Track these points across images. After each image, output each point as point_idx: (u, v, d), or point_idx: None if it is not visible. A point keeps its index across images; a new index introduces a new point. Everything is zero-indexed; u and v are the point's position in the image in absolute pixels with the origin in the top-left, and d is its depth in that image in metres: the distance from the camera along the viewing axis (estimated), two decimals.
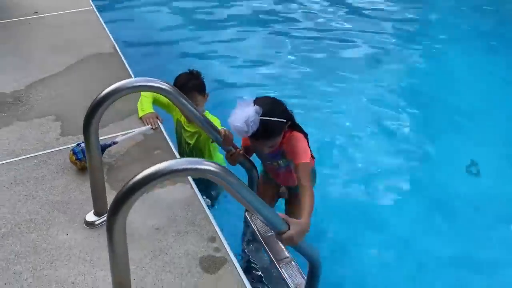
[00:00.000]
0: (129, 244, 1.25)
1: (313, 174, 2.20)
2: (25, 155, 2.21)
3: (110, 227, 1.22)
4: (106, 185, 1.86)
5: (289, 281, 1.85)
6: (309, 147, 1.95)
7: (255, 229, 2.12)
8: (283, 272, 1.89)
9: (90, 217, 1.81)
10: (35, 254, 1.69)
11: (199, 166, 1.18)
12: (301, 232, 1.45)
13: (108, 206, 1.21)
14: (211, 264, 1.66)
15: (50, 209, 1.89)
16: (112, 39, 3.43)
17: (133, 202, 1.15)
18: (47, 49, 3.25)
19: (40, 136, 2.34)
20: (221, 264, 1.66)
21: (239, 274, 1.62)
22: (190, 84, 2.23)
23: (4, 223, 1.82)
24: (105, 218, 1.78)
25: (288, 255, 1.95)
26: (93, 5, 4.10)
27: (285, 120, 1.83)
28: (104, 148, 2.14)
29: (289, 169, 2.06)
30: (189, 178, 2.08)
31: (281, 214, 1.46)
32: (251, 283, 1.61)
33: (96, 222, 1.80)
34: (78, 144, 2.09)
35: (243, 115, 1.67)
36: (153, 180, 1.14)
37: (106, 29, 3.61)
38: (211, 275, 1.62)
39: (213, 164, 1.18)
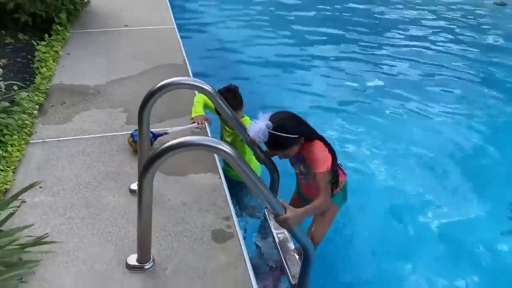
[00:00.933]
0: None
1: (343, 190, 2.31)
2: (94, 134, 2.70)
3: (140, 182, 1.61)
4: None
5: (289, 268, 2.11)
6: (333, 159, 2.04)
7: (271, 226, 2.41)
8: (285, 261, 2.16)
9: (134, 186, 2.22)
10: (86, 207, 2.11)
11: (214, 144, 1.53)
12: (295, 217, 1.71)
13: None
14: (220, 236, 1.98)
15: (105, 176, 2.32)
16: (184, 53, 3.95)
17: (159, 164, 1.53)
18: (129, 55, 3.83)
19: (109, 122, 2.84)
20: (229, 238, 1.98)
21: (241, 247, 1.93)
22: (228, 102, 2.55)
23: (68, 181, 2.28)
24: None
25: (294, 252, 2.22)
26: (174, 24, 4.71)
27: (296, 136, 2.00)
28: (156, 136, 2.58)
29: (311, 180, 2.19)
30: (220, 171, 2.43)
31: (281, 201, 1.75)
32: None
33: (135, 189, 2.21)
34: (136, 130, 2.54)
35: (257, 127, 1.95)
36: (174, 150, 1.51)
37: (181, 44, 4.16)
38: (218, 244, 1.94)
39: (227, 146, 1.52)
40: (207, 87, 2.08)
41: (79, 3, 4.27)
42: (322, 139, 2.10)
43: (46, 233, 1.91)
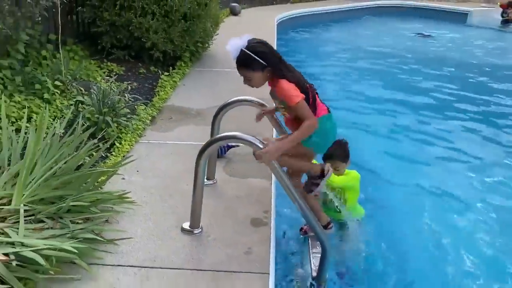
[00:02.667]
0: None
1: (320, 134, 2.28)
2: (187, 142, 3.43)
3: (197, 163, 2.22)
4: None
5: (312, 262, 2.50)
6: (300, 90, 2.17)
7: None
8: (310, 256, 2.55)
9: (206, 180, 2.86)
10: (164, 189, 2.78)
11: (248, 139, 2.09)
12: (272, 150, 2.00)
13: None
14: (257, 223, 2.48)
15: (185, 171, 2.99)
16: None
17: (209, 152, 2.14)
18: (229, 89, 4.62)
19: (201, 135, 3.55)
20: (263, 225, 2.46)
21: (270, 233, 2.39)
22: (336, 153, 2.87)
23: (158, 170, 2.99)
24: (211, 182, 2.83)
25: (319, 249, 2.60)
26: None
27: (261, 61, 2.17)
28: (230, 147, 3.22)
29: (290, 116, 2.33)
30: (273, 178, 2.94)
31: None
32: None
33: (206, 183, 2.83)
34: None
35: (236, 42, 2.20)
36: (218, 141, 2.12)
37: None
38: (252, 227, 2.44)
39: (259, 141, 2.07)
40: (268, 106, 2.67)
41: (200, 47, 5.26)
42: (296, 81, 2.21)
43: (132, 198, 2.61)
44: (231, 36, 2.32)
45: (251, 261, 2.20)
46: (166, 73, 4.68)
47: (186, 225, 2.40)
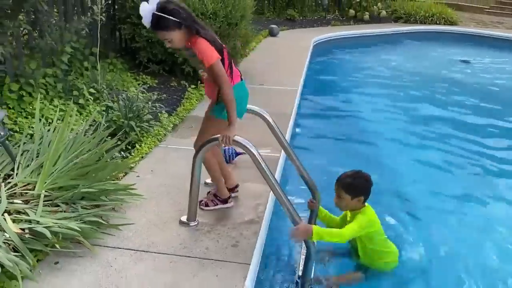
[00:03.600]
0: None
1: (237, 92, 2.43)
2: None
3: (193, 163, 2.47)
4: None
5: (301, 260, 2.64)
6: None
7: None
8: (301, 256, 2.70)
9: (208, 180, 3.10)
10: (186, 188, 3.05)
11: (243, 143, 2.31)
12: (228, 132, 2.28)
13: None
14: (249, 221, 2.68)
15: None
16: (294, 107, 4.84)
17: (203, 153, 2.38)
18: (259, 105, 4.87)
19: None
20: (254, 224, 2.66)
21: (259, 231, 2.58)
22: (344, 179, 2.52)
23: (170, 171, 3.27)
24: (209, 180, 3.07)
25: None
26: (300, 87, 5.68)
27: (175, 19, 2.21)
28: (238, 154, 3.45)
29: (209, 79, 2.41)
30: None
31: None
32: None
33: (207, 181, 3.07)
34: (227, 147, 3.44)
35: (146, 7, 2.22)
36: (210, 142, 2.35)
37: (296, 100, 5.06)
38: (244, 224, 2.64)
39: (252, 146, 2.30)
40: (267, 116, 2.90)
41: None
42: (211, 39, 2.31)
43: (141, 193, 2.89)
44: (266, 55, 2.58)
45: (236, 252, 2.40)
46: (193, 86, 5.02)
47: (184, 218, 2.64)
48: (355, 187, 2.48)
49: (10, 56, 3.69)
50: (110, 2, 5.32)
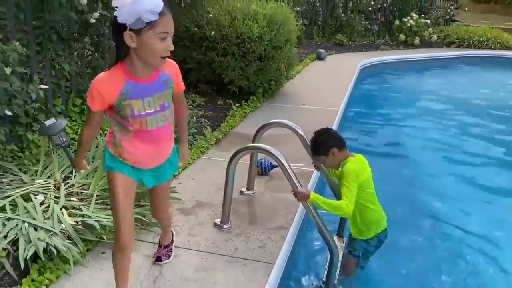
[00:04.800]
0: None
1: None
2: (241, 161, 3.94)
3: (227, 170, 2.71)
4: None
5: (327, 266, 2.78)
6: None
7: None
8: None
9: (243, 189, 3.32)
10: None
11: (269, 150, 2.54)
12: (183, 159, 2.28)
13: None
14: (278, 227, 2.86)
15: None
16: (334, 127, 4.99)
17: (237, 159, 2.62)
18: (298, 123, 5.08)
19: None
20: (283, 229, 2.84)
21: (286, 235, 2.76)
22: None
23: (208, 180, 3.52)
24: (250, 192, 3.29)
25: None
26: (341, 108, 5.83)
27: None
28: (274, 166, 3.66)
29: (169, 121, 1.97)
30: None
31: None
32: None
33: (245, 192, 3.30)
34: (261, 159, 3.66)
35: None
36: (244, 151, 2.59)
37: (336, 121, 5.22)
38: (273, 229, 2.83)
39: (277, 152, 2.51)
40: (300, 131, 3.10)
41: (273, 85, 5.85)
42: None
43: (182, 197, 3.15)
44: (311, 78, 2.78)
45: (262, 253, 2.59)
46: (237, 105, 5.32)
47: (218, 221, 2.87)
48: (319, 145, 2.60)
49: (75, 74, 4.16)
50: None
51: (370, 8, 12.88)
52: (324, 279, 2.70)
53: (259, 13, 5.55)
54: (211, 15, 5.46)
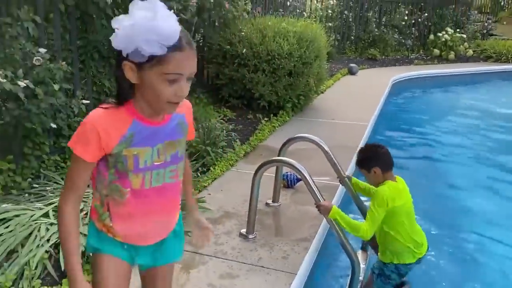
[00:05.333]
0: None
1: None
2: (267, 174, 4.07)
3: (252, 181, 2.85)
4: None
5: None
6: None
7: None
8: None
9: (269, 201, 3.44)
10: (242, 202, 3.44)
11: (293, 164, 2.66)
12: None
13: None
14: (302, 239, 2.96)
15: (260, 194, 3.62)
16: (362, 141, 5.05)
17: (262, 171, 2.75)
18: (326, 137, 5.18)
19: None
20: (306, 241, 2.94)
21: (309, 247, 2.85)
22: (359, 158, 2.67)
23: (236, 191, 3.67)
24: (276, 204, 3.41)
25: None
26: (371, 123, 5.87)
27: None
28: (299, 180, 3.76)
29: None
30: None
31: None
32: None
33: (271, 204, 3.42)
34: (287, 172, 3.77)
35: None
36: (268, 164, 2.72)
37: (364, 135, 5.27)
38: (297, 241, 2.93)
39: (301, 166, 2.63)
40: (324, 145, 3.20)
41: (303, 99, 5.98)
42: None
43: (210, 207, 3.30)
44: (341, 92, 2.89)
45: (285, 263, 2.69)
46: (266, 119, 5.48)
47: (244, 231, 3.00)
48: (364, 159, 2.58)
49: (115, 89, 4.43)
50: (200, 45, 6.07)
51: (403, 23, 12.83)
52: None
53: (289, 31, 5.71)
54: (243, 33, 5.66)
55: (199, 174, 3.90)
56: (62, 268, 2.44)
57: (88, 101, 3.60)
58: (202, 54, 6.17)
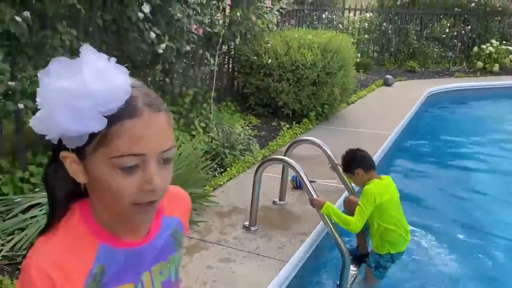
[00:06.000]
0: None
1: None
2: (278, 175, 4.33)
3: (255, 175, 3.13)
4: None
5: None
6: None
7: None
8: None
9: (276, 200, 3.71)
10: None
11: (288, 162, 2.92)
12: None
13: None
14: (300, 233, 3.20)
15: (272, 194, 3.88)
16: (380, 149, 5.19)
17: (262, 170, 3.04)
18: (345, 144, 5.37)
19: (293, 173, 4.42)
20: (304, 235, 3.17)
21: (305, 241, 3.08)
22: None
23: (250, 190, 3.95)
24: (282, 202, 3.67)
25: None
26: (394, 133, 5.98)
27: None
28: (310, 181, 3.99)
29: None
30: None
31: None
32: None
33: (278, 202, 3.68)
34: (295, 175, 4.01)
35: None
36: (268, 162, 3.00)
37: (384, 145, 5.41)
38: (295, 235, 3.17)
39: (296, 164, 2.89)
40: (327, 149, 3.44)
41: (327, 108, 6.20)
42: None
43: (220, 202, 3.61)
44: (372, 103, 3.16)
45: (280, 252, 2.95)
46: (288, 126, 5.75)
47: (246, 223, 3.28)
48: (347, 163, 2.91)
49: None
50: (227, 56, 6.46)
51: (444, 35, 12.68)
52: (338, 283, 2.98)
53: (314, 42, 5.97)
54: (269, 44, 6.00)
55: (216, 174, 4.23)
56: None
57: None
58: (233, 65, 6.56)
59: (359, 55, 11.43)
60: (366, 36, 11.23)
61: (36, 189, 3.42)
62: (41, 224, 3.00)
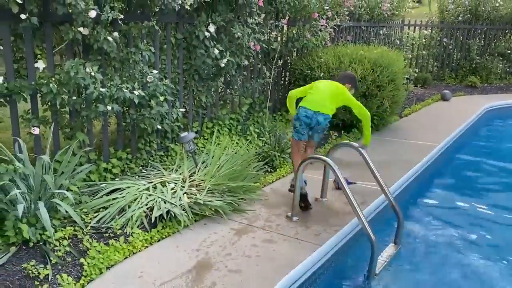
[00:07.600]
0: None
1: None
2: (318, 176, 4.77)
3: (296, 172, 3.63)
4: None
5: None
6: None
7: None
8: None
9: (318, 197, 4.16)
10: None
11: (326, 160, 3.40)
12: None
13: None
14: (336, 224, 3.63)
15: (314, 192, 4.34)
16: (425, 159, 5.45)
17: (303, 167, 3.53)
18: (389, 152, 5.69)
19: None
20: (339, 226, 3.60)
21: (339, 230, 3.51)
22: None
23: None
24: (324, 199, 4.11)
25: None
26: (441, 144, 6.19)
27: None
28: (350, 183, 4.41)
29: None
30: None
31: None
32: None
33: (317, 197, 4.13)
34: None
35: None
36: (309, 160, 3.49)
37: (429, 155, 5.66)
38: (331, 226, 3.61)
39: (331, 161, 3.36)
40: (365, 153, 3.86)
41: (377, 119, 6.53)
42: None
43: (268, 197, 4.13)
44: (426, 116, 3.85)
45: (315, 239, 3.40)
46: (336, 134, 6.17)
47: (289, 214, 3.77)
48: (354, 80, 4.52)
49: (210, 104, 5.53)
50: (283, 70, 7.01)
51: (510, 51, 12.40)
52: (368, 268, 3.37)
53: (365, 57, 6.37)
54: (322, 59, 6.48)
55: (267, 173, 4.76)
56: (153, 222, 3.47)
57: (183, 109, 4.70)
58: (288, 78, 7.11)
59: (416, 70, 11.57)
60: (425, 52, 11.30)
61: (116, 178, 4.15)
62: (120, 205, 3.69)
